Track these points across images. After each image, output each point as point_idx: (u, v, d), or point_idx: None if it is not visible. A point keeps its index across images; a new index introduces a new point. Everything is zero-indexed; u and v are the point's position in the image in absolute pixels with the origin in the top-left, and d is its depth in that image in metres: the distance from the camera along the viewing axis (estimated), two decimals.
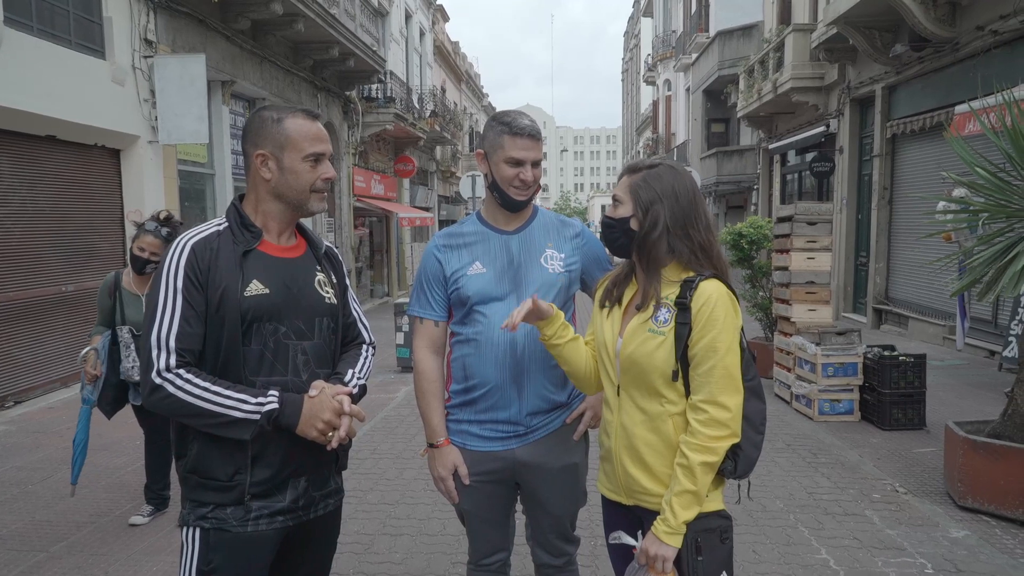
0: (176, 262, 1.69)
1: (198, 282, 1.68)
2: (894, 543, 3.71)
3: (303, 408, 1.69)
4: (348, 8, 13.29)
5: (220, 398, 1.63)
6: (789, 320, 6.78)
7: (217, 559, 1.71)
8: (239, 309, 1.69)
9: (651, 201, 1.79)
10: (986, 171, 4.14)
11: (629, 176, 1.86)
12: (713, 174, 20.32)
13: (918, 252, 10.06)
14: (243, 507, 1.72)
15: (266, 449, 1.73)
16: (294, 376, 1.76)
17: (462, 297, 2.12)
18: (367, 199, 16.44)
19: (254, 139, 1.78)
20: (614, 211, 1.87)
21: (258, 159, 1.77)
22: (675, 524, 1.69)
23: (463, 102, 30.99)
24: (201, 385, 1.63)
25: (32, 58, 6.66)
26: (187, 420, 1.66)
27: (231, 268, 1.70)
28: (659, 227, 1.77)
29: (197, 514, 1.72)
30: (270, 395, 1.67)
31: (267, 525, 1.74)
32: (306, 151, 1.77)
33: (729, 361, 1.70)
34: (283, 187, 1.78)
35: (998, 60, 8.28)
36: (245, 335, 1.71)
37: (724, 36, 19.63)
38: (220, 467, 1.70)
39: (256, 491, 1.72)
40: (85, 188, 7.76)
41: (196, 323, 1.67)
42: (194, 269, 1.68)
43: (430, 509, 4.19)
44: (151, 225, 3.86)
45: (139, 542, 3.78)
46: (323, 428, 1.70)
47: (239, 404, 1.64)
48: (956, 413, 5.84)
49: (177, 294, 1.66)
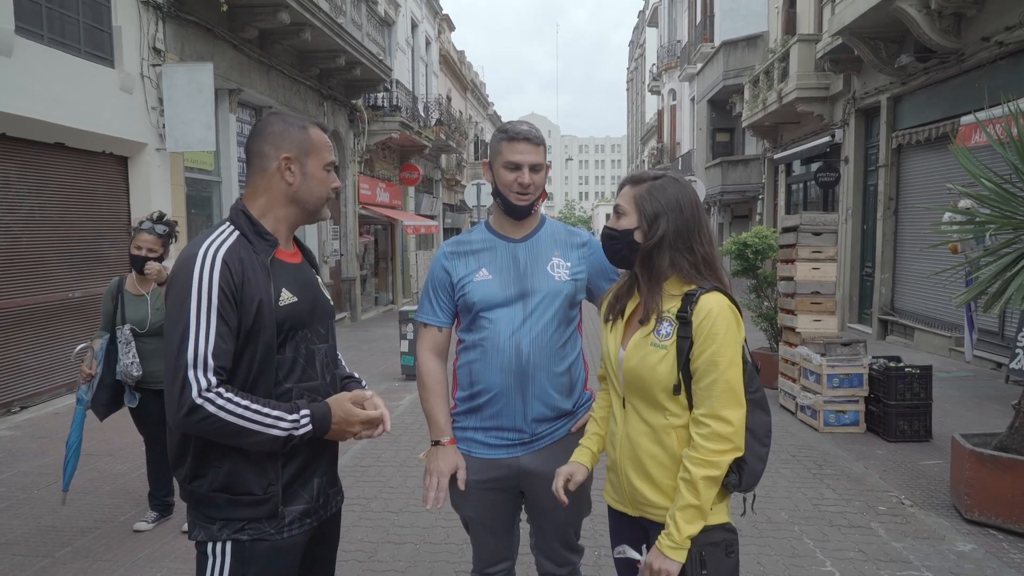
0: (209, 276, 1.61)
1: (233, 297, 1.62)
2: (900, 556, 3.68)
3: (332, 420, 1.71)
4: (355, 17, 13.37)
5: (260, 416, 1.60)
6: (794, 330, 6.76)
7: (251, 571, 1.68)
8: (276, 319, 1.68)
9: (656, 213, 1.78)
10: (992, 182, 4.14)
11: (632, 187, 1.85)
12: (718, 184, 20.34)
13: (924, 263, 10.04)
14: (276, 517, 1.70)
15: (294, 454, 1.73)
16: (323, 380, 1.79)
17: (468, 303, 2.13)
18: (372, 207, 16.49)
19: (278, 142, 1.75)
20: (617, 222, 1.86)
21: (283, 162, 1.75)
22: (679, 539, 1.68)
23: (468, 111, 31.10)
24: (242, 404, 1.58)
25: (42, 66, 6.71)
26: (224, 439, 1.61)
27: (262, 279, 1.68)
28: (664, 240, 1.77)
29: (232, 528, 1.67)
30: (303, 414, 1.66)
31: (299, 529, 1.74)
32: (326, 159, 1.81)
33: (731, 375, 1.70)
34: (304, 192, 1.78)
35: (1004, 71, 8.28)
36: (281, 344, 1.71)
37: (729, 46, 19.68)
38: (255, 482, 1.67)
39: (284, 498, 1.72)
40: (93, 195, 7.81)
41: (230, 340, 1.61)
42: (229, 284, 1.62)
43: (434, 517, 4.19)
44: (147, 224, 3.89)
45: (143, 548, 3.79)
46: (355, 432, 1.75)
47: (277, 422, 1.62)
48: (962, 425, 5.81)
49: (212, 310, 1.59)
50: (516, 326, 2.10)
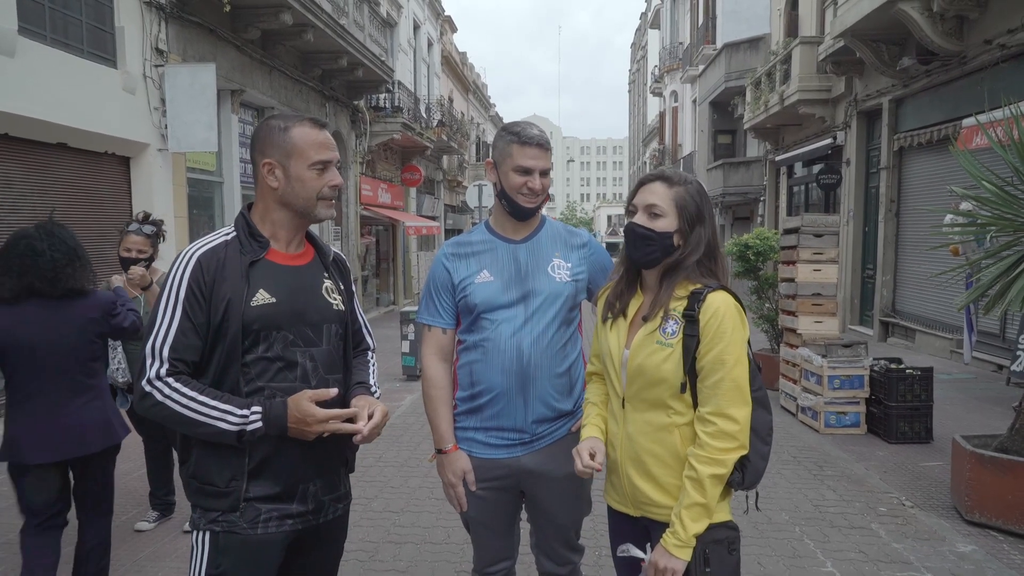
0: (181, 273, 1.71)
1: (201, 295, 1.69)
2: (900, 557, 3.69)
3: (288, 417, 1.68)
4: (357, 19, 13.40)
5: (206, 408, 1.64)
6: (795, 332, 6.77)
7: (226, 562, 1.72)
8: (242, 319, 1.70)
9: (697, 220, 1.78)
10: (993, 185, 4.14)
11: (669, 187, 1.79)
12: (719, 185, 20.33)
13: (925, 265, 10.03)
14: (253, 509, 1.73)
15: (276, 456, 1.74)
16: (303, 382, 1.77)
17: (469, 305, 2.13)
18: (374, 208, 16.50)
19: (261, 148, 1.80)
20: (652, 222, 1.78)
21: (265, 168, 1.78)
22: (685, 537, 1.68)
23: (470, 112, 31.12)
24: (188, 395, 1.65)
25: (45, 67, 6.73)
26: (176, 428, 1.69)
27: (237, 279, 1.72)
28: (701, 249, 1.78)
29: (208, 518, 1.73)
30: (254, 411, 1.66)
31: (276, 528, 1.75)
32: (312, 159, 1.78)
33: (737, 373, 1.70)
34: (290, 195, 1.79)
35: (1006, 74, 8.28)
36: (253, 343, 1.72)
37: (731, 48, 19.68)
38: (217, 474, 1.72)
39: (258, 495, 1.73)
40: (95, 195, 7.82)
41: (192, 335, 1.68)
42: (198, 282, 1.70)
43: (434, 517, 4.19)
44: (134, 226, 3.88)
45: (144, 547, 3.80)
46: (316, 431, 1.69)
47: (224, 416, 1.65)
48: (963, 427, 5.81)
49: (177, 305, 1.69)
50: (517, 327, 2.10)
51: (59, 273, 2.71)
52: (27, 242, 2.69)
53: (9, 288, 2.68)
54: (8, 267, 2.69)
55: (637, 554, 1.81)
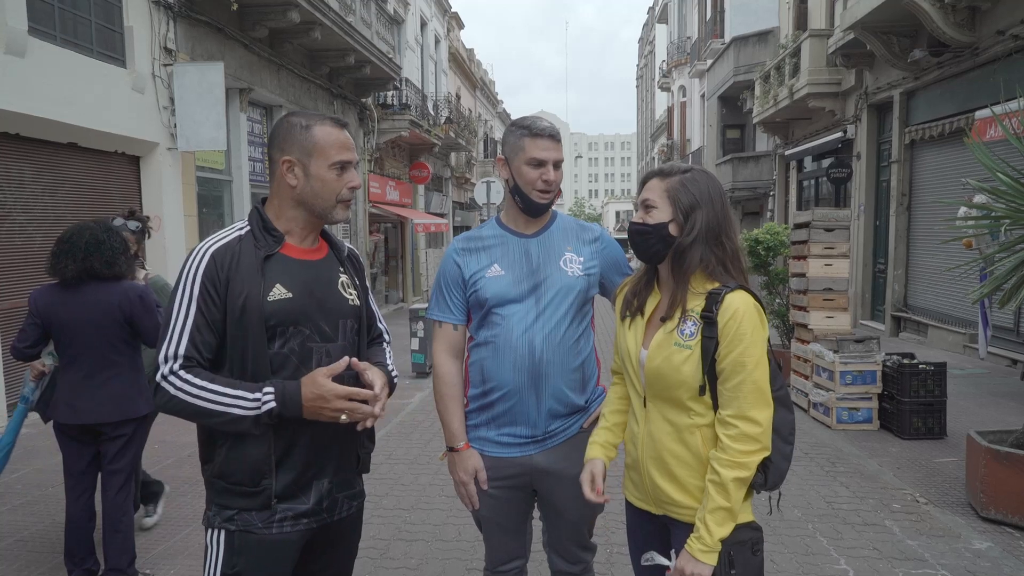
0: (195, 270, 1.69)
1: (215, 291, 1.68)
2: (915, 554, 3.65)
3: (303, 396, 1.65)
4: (364, 16, 13.40)
5: (218, 396, 1.63)
6: (806, 327, 6.72)
7: (241, 562, 1.71)
8: (262, 314, 1.69)
9: (691, 206, 1.74)
10: (1008, 177, 4.09)
11: (662, 180, 1.79)
12: (729, 180, 20.22)
13: (938, 259, 9.95)
14: (269, 510, 1.72)
15: (291, 452, 1.73)
16: None
17: (480, 300, 2.12)
18: (382, 205, 16.52)
19: (281, 144, 1.77)
20: (647, 216, 1.79)
21: (284, 165, 1.76)
22: (711, 542, 1.66)
23: (478, 108, 31.09)
24: (199, 384, 1.63)
25: (55, 67, 6.76)
26: (195, 420, 1.68)
27: (252, 273, 1.70)
28: (699, 233, 1.73)
29: (223, 516, 1.72)
30: (266, 391, 1.64)
31: (291, 527, 1.74)
32: (333, 158, 1.76)
33: (758, 375, 1.67)
34: (308, 194, 1.77)
35: (1019, 65, 8.18)
36: (270, 339, 1.71)
37: (739, 42, 19.55)
38: (247, 473, 1.70)
39: (281, 494, 1.73)
40: (105, 194, 7.86)
41: (207, 332, 1.68)
42: (212, 278, 1.68)
43: (445, 515, 4.19)
44: (119, 223, 3.85)
45: (157, 545, 3.81)
46: (335, 411, 1.66)
47: (237, 401, 1.63)
48: (977, 422, 5.76)
49: (192, 302, 1.67)
50: (529, 322, 2.08)
51: (116, 259, 3.21)
52: (91, 232, 3.18)
53: (72, 270, 3.12)
54: (73, 252, 3.13)
55: (662, 561, 1.78)
